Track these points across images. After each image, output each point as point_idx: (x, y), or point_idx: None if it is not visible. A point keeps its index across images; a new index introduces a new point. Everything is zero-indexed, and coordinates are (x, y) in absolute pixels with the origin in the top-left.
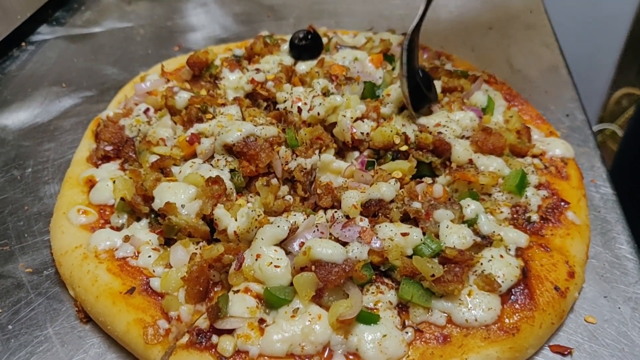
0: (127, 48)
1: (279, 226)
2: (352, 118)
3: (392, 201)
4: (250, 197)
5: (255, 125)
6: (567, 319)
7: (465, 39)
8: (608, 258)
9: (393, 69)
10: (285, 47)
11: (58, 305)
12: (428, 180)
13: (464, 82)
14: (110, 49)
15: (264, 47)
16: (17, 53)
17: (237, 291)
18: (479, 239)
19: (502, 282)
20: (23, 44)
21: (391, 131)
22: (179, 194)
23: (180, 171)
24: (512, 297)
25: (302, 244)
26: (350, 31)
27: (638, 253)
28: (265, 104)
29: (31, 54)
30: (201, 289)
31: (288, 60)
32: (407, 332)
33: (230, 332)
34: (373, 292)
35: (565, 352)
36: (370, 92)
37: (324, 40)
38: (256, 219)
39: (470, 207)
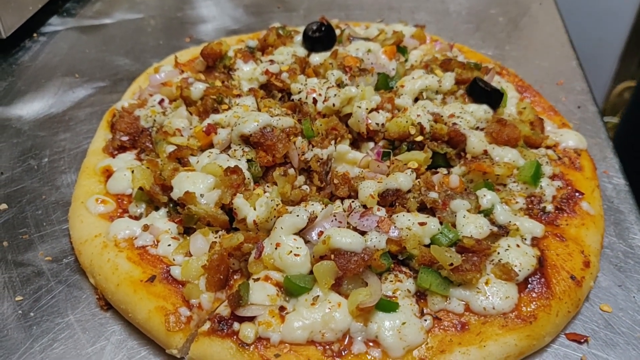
0: (138, 39)
1: (298, 215)
2: (367, 109)
3: (409, 191)
4: (267, 186)
5: (271, 116)
6: (582, 307)
7: (475, 30)
8: (622, 248)
9: (406, 60)
10: (299, 38)
11: (78, 293)
12: (443, 170)
13: (477, 74)
14: (122, 40)
15: (277, 38)
16: (29, 44)
17: (257, 279)
18: (495, 229)
19: (519, 271)
20: (35, 35)
21: (406, 122)
22: (197, 184)
23: (198, 161)
24: (529, 285)
25: (321, 233)
26: (362, 23)
27: None
28: (279, 95)
29: (43, 45)
30: (221, 277)
31: (301, 51)
32: (425, 320)
33: (251, 319)
34: (391, 281)
35: (582, 340)
36: (384, 83)
37: (337, 32)
38: (275, 209)
39: (487, 197)
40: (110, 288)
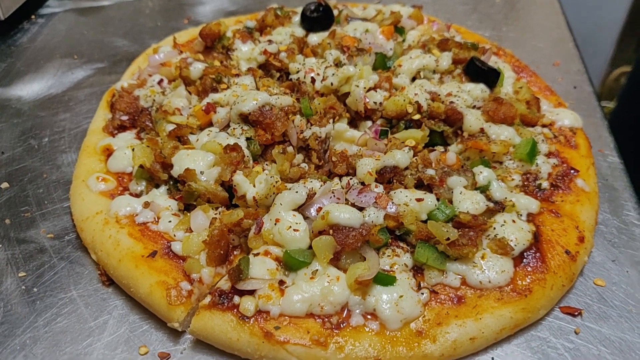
0: (137, 20)
1: (297, 192)
2: (365, 88)
3: (406, 168)
4: (266, 164)
5: (270, 95)
6: (576, 282)
7: (472, 12)
8: (616, 224)
9: (403, 40)
10: (297, 19)
11: (80, 269)
12: (440, 148)
13: (474, 53)
14: (120, 22)
15: (275, 19)
16: (27, 26)
17: (257, 254)
18: (491, 205)
19: (515, 245)
20: (33, 17)
21: (404, 100)
22: (197, 161)
23: (198, 139)
24: (525, 260)
25: (320, 209)
26: (359, 4)
27: None
28: (278, 74)
29: (41, 27)
30: (222, 252)
31: (299, 32)
32: (422, 294)
33: (251, 293)
34: (389, 255)
35: (575, 313)
36: (381, 63)
37: (335, 12)
38: (274, 185)
39: (483, 174)
40: (112, 264)
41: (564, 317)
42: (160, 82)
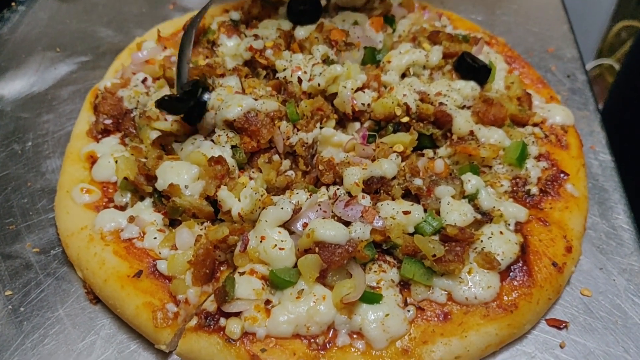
0: (121, 8)
1: (282, 208)
2: (352, 89)
3: (393, 178)
4: (252, 172)
5: (255, 99)
6: (563, 291)
7: None
8: (605, 229)
9: (394, 30)
10: (283, 10)
11: (67, 286)
12: (429, 152)
13: (465, 46)
14: (103, 9)
15: (261, 10)
16: (7, 14)
17: (243, 273)
18: (479, 216)
19: (502, 259)
20: (13, 3)
21: (392, 102)
22: (182, 174)
23: (182, 148)
24: (511, 274)
25: (306, 224)
26: None
27: (634, 223)
28: (264, 72)
29: (22, 15)
30: (207, 271)
31: (286, 25)
32: (408, 311)
33: (237, 314)
34: (375, 271)
35: (561, 326)
36: (370, 57)
37: (323, 1)
38: (260, 200)
39: (471, 182)
40: (98, 283)
41: (549, 330)
42: (144, 80)
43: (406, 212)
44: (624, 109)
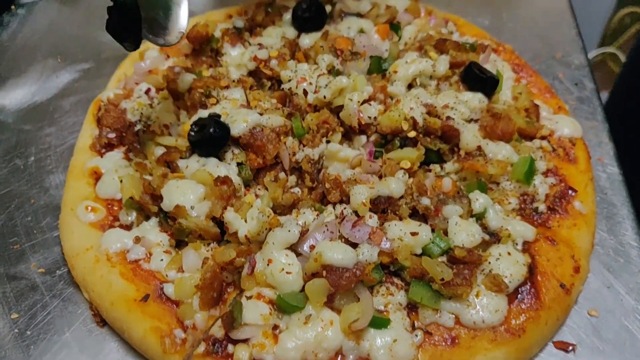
0: None
1: (289, 230)
2: (358, 102)
3: (401, 197)
4: (258, 189)
5: (260, 114)
6: (571, 311)
7: None
8: (613, 245)
9: (399, 38)
10: (288, 16)
11: (73, 308)
12: (436, 168)
13: (472, 55)
14: (104, 12)
15: (265, 16)
16: (7, 19)
17: (250, 297)
18: (487, 237)
19: (510, 282)
20: (12, 7)
21: (399, 116)
22: (187, 194)
23: (187, 166)
24: (519, 296)
25: (313, 246)
26: None
27: None
28: (269, 83)
29: (22, 20)
30: (215, 294)
31: (291, 32)
32: (416, 335)
33: (245, 340)
34: (383, 294)
35: (569, 349)
36: (376, 66)
37: (328, 8)
38: (266, 221)
39: (479, 200)
40: (104, 305)
41: (557, 353)
42: (147, 91)
43: (414, 233)
44: (629, 98)
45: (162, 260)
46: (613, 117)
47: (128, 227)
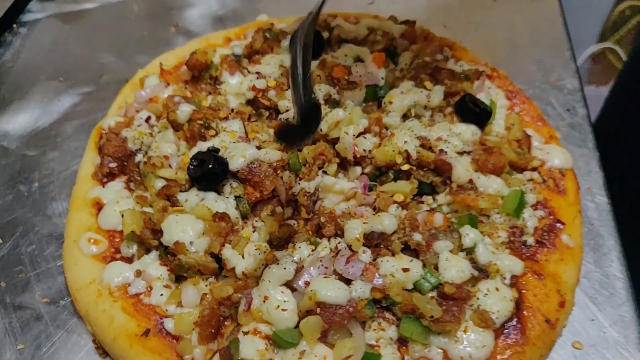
0: (122, 29)
1: (285, 268)
2: (354, 135)
3: (394, 232)
4: (256, 221)
5: (258, 148)
6: (555, 344)
7: (469, 14)
8: (598, 277)
9: (396, 64)
10: (286, 44)
11: (77, 339)
12: (429, 199)
13: (466, 85)
14: (105, 31)
15: (263, 42)
16: (9, 38)
17: (247, 332)
18: (476, 273)
19: (497, 318)
20: (15, 25)
21: (393, 151)
22: (187, 230)
23: (187, 199)
24: (505, 331)
25: (308, 283)
26: (352, 14)
27: (627, 271)
28: (267, 113)
29: (24, 39)
30: (213, 330)
31: (289, 60)
32: None
33: None
34: (375, 329)
35: None
36: (372, 95)
37: (325, 34)
38: (263, 258)
39: (469, 236)
40: (107, 340)
41: None
42: (147, 119)
43: (405, 270)
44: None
45: (162, 295)
46: (614, 115)
47: (129, 260)
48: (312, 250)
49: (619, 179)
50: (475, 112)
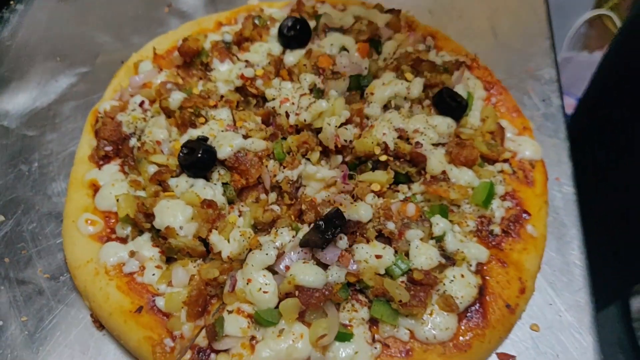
0: (117, 8)
1: (267, 254)
2: (336, 126)
3: (369, 221)
4: (242, 206)
5: (245, 137)
6: (515, 325)
7: (453, 0)
8: (559, 265)
9: (379, 53)
10: (274, 31)
11: (76, 313)
12: (404, 188)
13: (445, 77)
14: (100, 10)
15: (253, 29)
16: (6, 14)
17: (231, 311)
18: (444, 261)
19: (460, 303)
20: (12, 2)
21: (372, 142)
22: (177, 215)
23: (177, 185)
24: (468, 314)
25: (288, 267)
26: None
27: (586, 260)
28: (254, 101)
29: (21, 17)
30: (200, 309)
31: (277, 48)
32: (375, 347)
33: (226, 350)
34: (348, 310)
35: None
36: (355, 84)
37: (312, 22)
38: (247, 243)
39: (439, 225)
40: (103, 315)
41: None
42: (141, 104)
43: (378, 256)
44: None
45: (153, 275)
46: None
47: (124, 240)
48: (293, 237)
49: (590, 167)
50: (451, 107)
